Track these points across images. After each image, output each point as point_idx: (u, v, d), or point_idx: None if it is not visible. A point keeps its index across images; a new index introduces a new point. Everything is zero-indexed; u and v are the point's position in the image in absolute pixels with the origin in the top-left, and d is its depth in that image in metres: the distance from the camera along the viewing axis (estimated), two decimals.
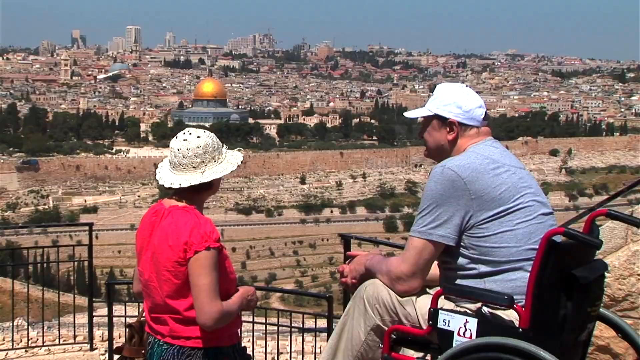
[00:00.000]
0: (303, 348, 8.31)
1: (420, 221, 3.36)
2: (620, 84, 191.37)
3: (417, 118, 3.68)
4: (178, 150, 3.44)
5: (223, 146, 3.55)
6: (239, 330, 3.63)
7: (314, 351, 8.70)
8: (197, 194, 3.48)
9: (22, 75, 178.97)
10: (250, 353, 3.79)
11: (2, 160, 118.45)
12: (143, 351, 3.63)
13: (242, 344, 3.65)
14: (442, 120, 3.53)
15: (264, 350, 9.54)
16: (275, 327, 8.05)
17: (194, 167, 3.43)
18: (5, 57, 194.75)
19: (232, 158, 3.54)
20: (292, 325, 8.00)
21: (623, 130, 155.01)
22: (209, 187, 3.50)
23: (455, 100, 3.53)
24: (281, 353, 9.56)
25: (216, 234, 3.35)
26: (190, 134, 3.48)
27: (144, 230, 3.50)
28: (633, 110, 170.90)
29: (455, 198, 3.29)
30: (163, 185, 3.45)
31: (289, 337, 8.23)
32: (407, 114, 3.79)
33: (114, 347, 4.35)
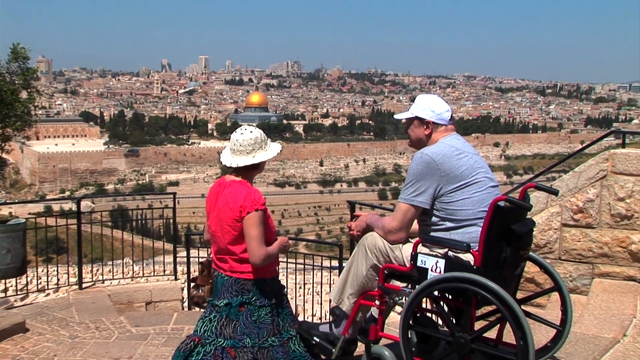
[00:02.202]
0: (321, 280, 8.31)
1: (406, 191, 3.35)
2: (542, 97, 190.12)
3: (402, 119, 3.66)
4: (237, 140, 3.43)
5: (267, 139, 3.54)
6: (277, 267, 3.63)
7: (329, 282, 8.71)
8: (249, 172, 3.47)
9: (127, 91, 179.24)
10: (284, 284, 3.77)
11: (114, 149, 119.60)
12: (211, 281, 3.64)
13: (279, 277, 3.65)
14: (421, 121, 3.51)
15: (295, 282, 9.56)
16: (302, 266, 8.07)
17: (247, 153, 3.42)
18: (117, 79, 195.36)
19: (274, 147, 3.53)
20: (314, 264, 7.98)
21: (544, 129, 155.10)
22: (257, 167, 3.48)
23: (430, 106, 3.51)
24: (306, 284, 9.58)
25: (262, 200, 3.35)
26: (245, 129, 3.47)
27: (211, 197, 3.50)
28: (550, 115, 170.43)
29: (430, 175, 3.27)
30: (225, 165, 3.45)
31: (312, 272, 8.23)
32: (395, 116, 3.78)
33: (191, 277, 4.36)
